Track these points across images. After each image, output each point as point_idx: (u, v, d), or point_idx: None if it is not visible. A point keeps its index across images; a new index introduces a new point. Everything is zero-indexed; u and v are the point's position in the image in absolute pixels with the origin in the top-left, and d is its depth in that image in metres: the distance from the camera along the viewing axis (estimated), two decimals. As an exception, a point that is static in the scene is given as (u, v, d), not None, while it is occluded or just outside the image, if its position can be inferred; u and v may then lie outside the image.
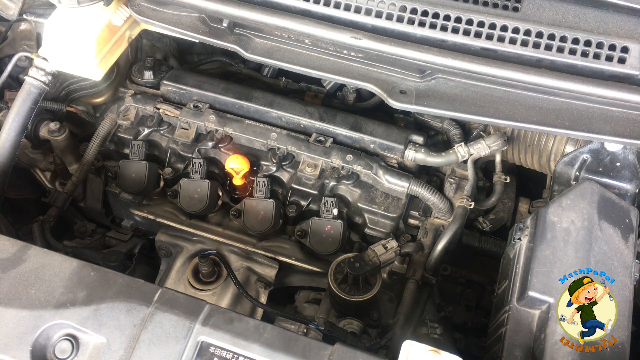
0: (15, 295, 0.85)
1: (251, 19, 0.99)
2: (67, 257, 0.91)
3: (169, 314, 0.83)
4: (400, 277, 1.23)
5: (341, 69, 1.07)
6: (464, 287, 1.25)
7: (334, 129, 1.31)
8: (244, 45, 1.08)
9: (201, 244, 1.30)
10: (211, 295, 1.22)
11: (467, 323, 1.19)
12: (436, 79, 1.04)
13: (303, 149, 1.29)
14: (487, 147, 1.23)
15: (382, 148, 1.30)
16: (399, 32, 0.96)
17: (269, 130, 1.31)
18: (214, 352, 0.80)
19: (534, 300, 0.89)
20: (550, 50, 0.92)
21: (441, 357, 0.77)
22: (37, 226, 1.32)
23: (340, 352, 0.80)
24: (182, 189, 1.28)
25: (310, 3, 0.98)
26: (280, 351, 0.80)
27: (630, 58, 0.91)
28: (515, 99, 1.00)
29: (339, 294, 1.12)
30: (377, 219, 1.26)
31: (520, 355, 0.88)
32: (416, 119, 1.42)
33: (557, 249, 0.92)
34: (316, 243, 1.22)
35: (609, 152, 1.08)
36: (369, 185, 1.29)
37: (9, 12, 1.33)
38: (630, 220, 0.97)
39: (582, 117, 0.97)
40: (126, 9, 1.24)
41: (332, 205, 1.23)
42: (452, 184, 1.30)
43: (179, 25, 1.13)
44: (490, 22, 0.93)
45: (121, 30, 1.28)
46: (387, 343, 1.11)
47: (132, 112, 1.37)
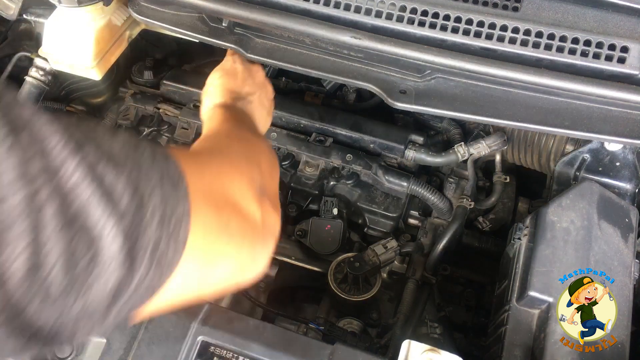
0: (15, 295, 0.85)
1: (251, 19, 0.99)
2: (67, 257, 0.91)
3: (168, 314, 0.83)
4: (400, 277, 1.23)
5: (341, 68, 1.07)
6: (464, 287, 1.25)
7: (334, 129, 1.31)
8: (244, 45, 1.08)
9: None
10: (211, 295, 1.22)
11: (467, 323, 1.19)
12: (436, 78, 1.04)
13: (303, 149, 1.29)
14: (487, 147, 1.23)
15: (382, 148, 1.30)
16: (398, 32, 0.96)
17: (269, 129, 1.31)
18: (214, 351, 0.80)
19: (533, 299, 0.89)
20: (550, 50, 0.92)
21: (441, 356, 0.77)
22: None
23: (340, 351, 0.80)
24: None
25: (310, 3, 0.98)
26: (280, 350, 0.80)
27: (629, 58, 0.91)
28: (515, 98, 1.00)
29: (339, 294, 1.12)
30: (377, 219, 1.27)
31: (520, 355, 0.88)
32: (416, 119, 1.42)
33: (557, 248, 0.92)
34: (316, 243, 1.22)
35: (609, 152, 1.08)
36: (369, 185, 1.29)
37: (9, 12, 1.33)
38: (630, 220, 0.97)
39: (582, 117, 0.97)
40: (126, 9, 1.24)
41: (332, 205, 1.23)
42: (452, 183, 1.30)
43: (179, 25, 1.13)
44: (490, 22, 0.93)
45: (121, 30, 1.28)
46: (387, 343, 1.11)
47: (132, 112, 1.37)
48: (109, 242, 0.41)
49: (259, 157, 0.75)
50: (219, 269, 0.58)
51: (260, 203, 0.65)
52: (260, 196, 0.66)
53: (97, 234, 0.41)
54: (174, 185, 0.48)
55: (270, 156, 0.81)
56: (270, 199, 0.70)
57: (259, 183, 0.68)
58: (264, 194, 0.68)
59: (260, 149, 0.80)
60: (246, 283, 0.65)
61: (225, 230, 0.58)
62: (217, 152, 0.70)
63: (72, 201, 0.39)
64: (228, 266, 0.60)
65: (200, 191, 0.53)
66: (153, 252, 0.45)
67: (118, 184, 0.42)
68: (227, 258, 0.59)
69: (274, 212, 0.69)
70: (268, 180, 0.73)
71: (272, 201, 0.70)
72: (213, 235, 0.56)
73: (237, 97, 0.98)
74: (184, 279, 0.50)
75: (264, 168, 0.74)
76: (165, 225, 0.46)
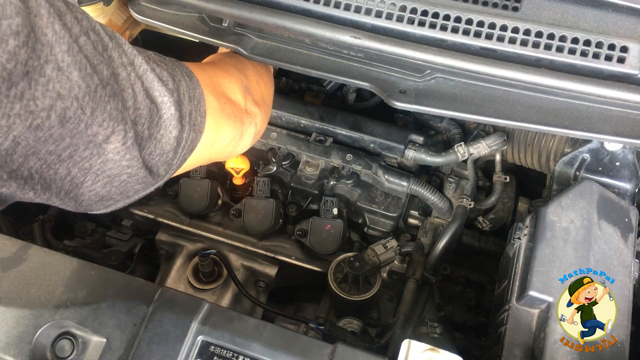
0: (16, 295, 0.86)
1: (251, 19, 0.99)
2: (68, 257, 0.92)
3: (169, 313, 0.83)
4: (400, 277, 1.23)
5: (341, 68, 1.07)
6: (464, 287, 1.25)
7: (334, 129, 1.32)
8: (244, 45, 1.08)
9: (201, 244, 1.30)
10: (211, 294, 1.22)
11: (467, 322, 1.19)
12: (436, 78, 1.04)
13: (303, 149, 1.29)
14: (486, 146, 1.23)
15: (382, 147, 1.30)
16: (398, 32, 0.96)
17: (269, 129, 1.31)
18: (214, 350, 0.81)
19: (533, 299, 0.89)
20: (550, 50, 0.92)
21: (441, 356, 0.77)
22: (38, 225, 1.32)
23: (340, 351, 0.80)
24: (182, 188, 1.29)
25: (310, 3, 0.98)
26: (280, 350, 0.80)
27: (629, 57, 0.91)
28: (514, 98, 1.00)
29: (339, 294, 1.12)
30: (377, 219, 1.27)
31: (520, 355, 0.88)
32: (416, 119, 1.42)
33: (557, 248, 0.92)
34: (316, 242, 1.22)
35: (609, 152, 1.08)
36: (369, 184, 1.29)
37: (9, 12, 1.33)
38: (630, 220, 0.97)
39: (582, 117, 0.97)
40: (126, 8, 1.24)
41: (332, 205, 1.23)
42: (452, 183, 1.30)
43: (179, 25, 1.13)
44: (490, 22, 0.93)
45: (121, 30, 1.28)
46: (386, 342, 1.11)
47: (133, 112, 1.38)
48: (167, 108, 0.67)
49: (245, 68, 1.01)
50: (221, 137, 0.84)
51: (244, 96, 0.93)
52: (245, 93, 0.94)
53: (160, 103, 0.66)
54: (190, 77, 0.75)
55: (258, 70, 1.06)
56: (253, 97, 0.97)
57: (245, 84, 0.96)
58: (248, 92, 0.95)
59: (248, 64, 1.04)
60: (237, 154, 0.97)
61: (223, 111, 0.84)
62: (213, 63, 0.99)
63: (144, 80, 0.64)
64: (226, 136, 0.86)
65: (204, 84, 0.78)
66: (190, 118, 0.72)
67: (163, 72, 0.68)
68: (225, 129, 0.85)
69: (255, 105, 0.97)
70: (253, 85, 1.00)
71: (255, 99, 0.98)
72: (216, 112, 0.81)
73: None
74: (204, 141, 0.77)
75: (249, 75, 1.00)
76: (193, 101, 0.73)
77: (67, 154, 0.56)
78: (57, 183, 0.58)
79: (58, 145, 0.55)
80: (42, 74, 0.49)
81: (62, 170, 0.57)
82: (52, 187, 0.58)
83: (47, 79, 0.50)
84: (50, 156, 0.55)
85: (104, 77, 0.57)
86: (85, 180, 0.61)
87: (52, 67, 0.50)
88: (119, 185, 0.66)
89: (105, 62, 0.58)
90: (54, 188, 0.58)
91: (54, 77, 0.50)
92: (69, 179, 0.59)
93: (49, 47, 0.50)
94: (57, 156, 0.56)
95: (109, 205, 0.70)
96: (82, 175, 0.60)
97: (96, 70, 0.56)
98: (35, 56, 0.49)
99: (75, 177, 0.59)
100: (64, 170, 0.58)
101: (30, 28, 0.48)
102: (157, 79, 0.65)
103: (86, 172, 0.60)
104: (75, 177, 0.59)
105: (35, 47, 0.48)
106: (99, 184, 0.63)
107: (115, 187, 0.66)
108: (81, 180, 0.60)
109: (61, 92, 0.51)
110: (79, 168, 0.59)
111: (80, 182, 0.60)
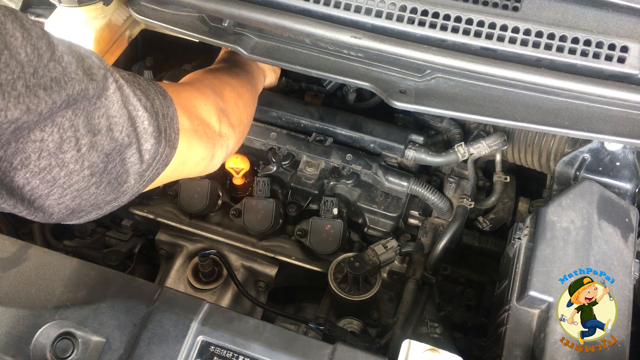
0: (16, 295, 0.85)
1: (251, 19, 0.99)
2: (67, 257, 0.92)
3: (169, 313, 0.83)
4: (400, 277, 1.23)
5: (341, 68, 1.07)
6: (464, 287, 1.25)
7: (334, 129, 1.31)
8: (244, 45, 1.08)
9: (201, 244, 1.30)
10: (211, 294, 1.22)
11: (467, 323, 1.19)
12: (436, 78, 1.04)
13: (303, 149, 1.29)
14: (487, 146, 1.23)
15: (382, 147, 1.30)
16: (398, 32, 0.96)
17: (269, 129, 1.31)
18: (214, 350, 0.80)
19: (533, 299, 0.89)
20: (550, 50, 0.92)
21: (441, 356, 0.77)
22: (37, 225, 1.32)
23: (340, 351, 0.80)
24: (182, 188, 1.29)
25: (310, 3, 0.98)
26: (280, 350, 0.80)
27: (629, 57, 0.91)
28: (514, 98, 1.00)
29: (339, 294, 1.12)
30: (377, 219, 1.27)
31: (520, 355, 0.88)
32: (416, 119, 1.42)
33: (557, 248, 0.92)
34: (316, 242, 1.22)
35: (609, 152, 1.08)
36: (369, 184, 1.29)
37: (9, 12, 1.33)
38: (630, 220, 0.97)
39: (582, 117, 0.97)
40: (126, 8, 1.24)
41: (332, 205, 1.23)
42: (452, 183, 1.30)
43: (179, 25, 1.13)
44: (490, 22, 0.93)
45: (121, 30, 1.28)
46: (387, 342, 1.11)
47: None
48: (141, 122, 0.69)
49: (223, 90, 1.00)
50: (192, 156, 0.85)
51: (219, 119, 0.92)
52: (220, 115, 0.93)
53: (134, 116, 0.68)
54: (164, 96, 0.76)
55: (237, 91, 1.05)
56: (229, 119, 0.96)
57: (221, 107, 0.95)
58: (224, 114, 0.95)
59: (226, 85, 1.04)
60: (208, 172, 0.95)
61: (196, 132, 0.84)
62: (190, 84, 0.98)
63: (126, 99, 0.67)
64: (197, 156, 0.86)
65: (178, 104, 0.79)
66: (166, 134, 0.74)
67: (137, 90, 0.70)
68: (197, 149, 0.85)
69: (230, 128, 0.96)
70: (231, 107, 0.99)
71: (231, 121, 0.97)
72: (188, 133, 0.82)
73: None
74: (176, 159, 0.77)
75: (226, 97, 0.99)
76: (166, 118, 0.75)
77: (19, 162, 0.56)
78: (17, 192, 0.58)
79: (6, 151, 0.54)
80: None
81: (19, 179, 0.57)
82: (14, 194, 0.58)
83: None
84: (3, 163, 0.55)
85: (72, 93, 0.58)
86: (52, 193, 0.61)
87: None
88: (88, 198, 0.66)
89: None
90: (17, 196, 0.58)
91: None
92: (28, 189, 0.58)
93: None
94: (9, 163, 0.55)
95: (81, 217, 0.70)
96: (45, 188, 0.60)
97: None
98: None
99: (36, 188, 0.59)
100: (21, 180, 0.57)
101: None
102: (132, 94, 0.68)
103: (51, 185, 0.60)
104: (36, 188, 0.59)
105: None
106: (68, 197, 0.63)
107: (85, 200, 0.66)
108: (45, 193, 0.60)
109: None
110: (40, 180, 0.58)
111: (44, 194, 0.60)
